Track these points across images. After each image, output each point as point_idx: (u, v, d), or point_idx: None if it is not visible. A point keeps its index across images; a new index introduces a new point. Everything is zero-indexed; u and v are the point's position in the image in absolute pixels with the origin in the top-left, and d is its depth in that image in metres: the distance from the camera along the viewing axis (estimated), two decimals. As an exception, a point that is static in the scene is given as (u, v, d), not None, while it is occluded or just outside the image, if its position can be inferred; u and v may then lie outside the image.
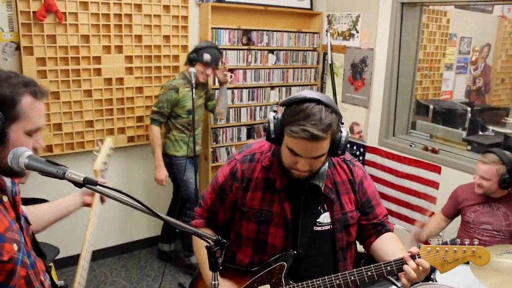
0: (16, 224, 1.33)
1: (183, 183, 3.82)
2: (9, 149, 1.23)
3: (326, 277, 1.71)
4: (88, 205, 1.75)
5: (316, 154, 1.62)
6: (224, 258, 1.40)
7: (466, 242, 1.63)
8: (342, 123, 1.67)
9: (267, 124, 1.67)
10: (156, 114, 3.67)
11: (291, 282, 1.78)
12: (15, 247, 1.27)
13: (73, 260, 3.69)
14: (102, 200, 1.76)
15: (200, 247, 1.82)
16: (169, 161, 3.83)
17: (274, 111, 1.71)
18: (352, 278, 1.68)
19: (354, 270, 1.69)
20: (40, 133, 1.34)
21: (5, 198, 1.32)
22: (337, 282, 1.70)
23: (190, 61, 3.65)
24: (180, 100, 3.67)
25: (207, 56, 3.60)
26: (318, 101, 1.58)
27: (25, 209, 1.48)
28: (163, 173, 3.75)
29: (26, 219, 1.45)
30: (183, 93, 3.67)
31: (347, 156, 1.89)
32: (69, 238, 3.87)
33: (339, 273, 1.71)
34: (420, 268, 1.60)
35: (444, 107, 4.67)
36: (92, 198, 1.74)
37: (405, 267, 1.62)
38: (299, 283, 1.76)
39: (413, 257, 1.62)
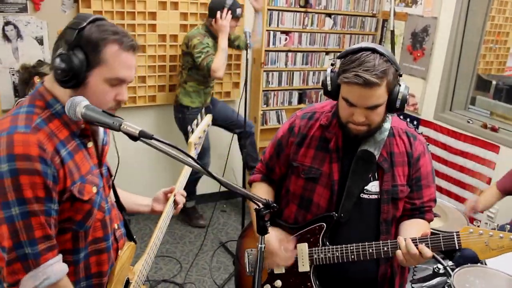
0: (97, 169, 1.40)
1: None
2: (89, 95, 1.25)
3: (360, 244, 1.71)
4: (157, 212, 1.78)
5: (371, 103, 1.59)
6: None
7: None
8: (400, 75, 1.64)
9: (324, 79, 1.70)
10: (208, 56, 3.51)
11: (328, 244, 1.79)
12: (94, 189, 1.34)
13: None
14: (175, 210, 1.79)
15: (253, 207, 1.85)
16: (182, 114, 3.81)
17: (332, 65, 1.71)
18: (385, 249, 1.67)
19: (389, 241, 1.68)
20: (124, 85, 1.33)
21: (89, 144, 1.37)
22: (370, 250, 1.69)
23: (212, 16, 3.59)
24: None
25: (239, 11, 3.61)
26: (373, 50, 1.57)
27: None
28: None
29: (108, 169, 1.52)
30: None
31: (411, 129, 1.83)
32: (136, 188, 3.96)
33: (373, 242, 1.70)
34: (409, 253, 1.59)
35: (508, 83, 4.41)
36: (163, 206, 1.77)
37: (397, 252, 1.63)
38: (333, 246, 1.76)
39: (414, 241, 1.61)
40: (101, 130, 1.44)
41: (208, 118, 2.04)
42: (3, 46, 3.29)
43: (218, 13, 3.55)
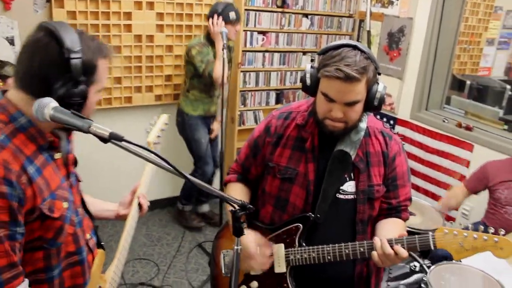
0: (66, 182, 1.34)
1: (195, 142, 3.86)
2: (86, 109, 1.26)
3: (336, 245, 1.70)
4: (121, 217, 1.74)
5: (350, 98, 1.59)
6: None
7: (491, 231, 1.52)
8: (379, 73, 1.65)
9: (303, 74, 1.69)
10: (209, 65, 3.56)
11: (304, 244, 1.78)
12: (65, 205, 1.28)
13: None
14: (141, 212, 1.76)
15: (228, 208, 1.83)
16: (182, 120, 3.85)
17: (312, 61, 1.71)
18: (361, 249, 1.67)
19: (365, 242, 1.67)
20: None
21: (57, 155, 1.31)
22: (346, 251, 1.69)
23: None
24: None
25: (233, 14, 3.59)
26: (354, 47, 1.58)
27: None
28: None
29: (76, 176, 1.46)
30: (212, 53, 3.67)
31: (386, 129, 1.83)
32: (110, 193, 3.91)
33: (349, 243, 1.69)
34: (385, 254, 1.59)
35: (481, 83, 4.49)
36: (127, 211, 1.73)
37: (373, 253, 1.62)
38: (310, 247, 1.75)
39: (390, 242, 1.60)
40: (64, 139, 1.38)
41: (164, 117, 2.01)
42: (-27, 46, 3.21)
43: (210, 20, 3.56)
